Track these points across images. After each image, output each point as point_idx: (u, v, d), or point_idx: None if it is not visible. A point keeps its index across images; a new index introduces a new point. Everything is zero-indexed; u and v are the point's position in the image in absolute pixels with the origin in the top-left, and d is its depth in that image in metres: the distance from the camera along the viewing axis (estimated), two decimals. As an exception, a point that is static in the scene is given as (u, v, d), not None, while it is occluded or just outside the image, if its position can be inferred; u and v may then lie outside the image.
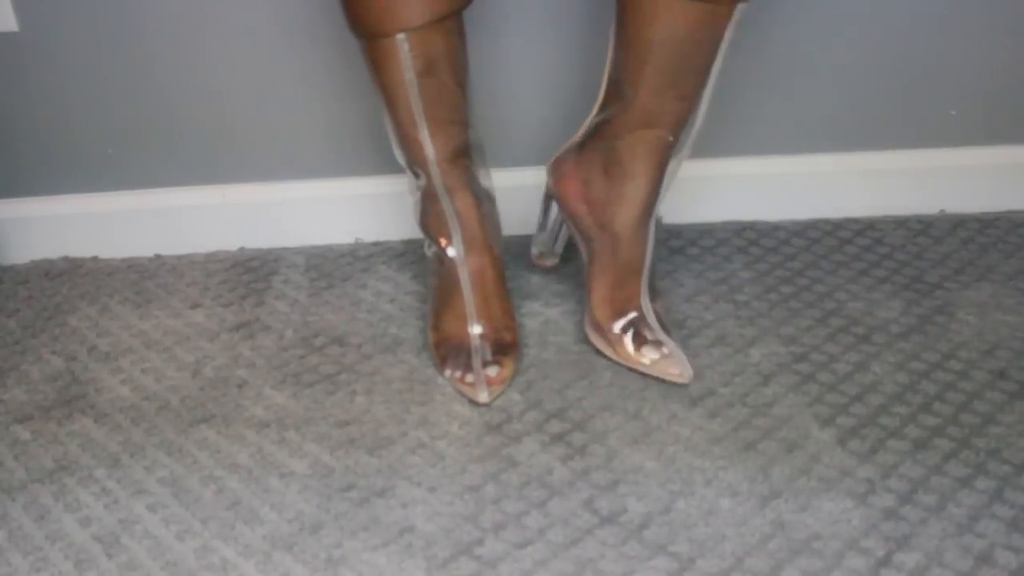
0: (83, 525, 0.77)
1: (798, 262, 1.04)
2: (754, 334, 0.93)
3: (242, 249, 1.12)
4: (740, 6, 0.77)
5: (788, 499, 0.76)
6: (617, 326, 0.89)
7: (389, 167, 1.08)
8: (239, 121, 1.05)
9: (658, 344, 0.88)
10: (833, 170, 1.09)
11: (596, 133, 0.88)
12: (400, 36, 0.78)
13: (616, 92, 0.85)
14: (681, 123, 0.84)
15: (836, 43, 1.02)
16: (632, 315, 0.89)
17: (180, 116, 1.05)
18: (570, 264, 1.05)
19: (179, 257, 1.11)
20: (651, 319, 0.89)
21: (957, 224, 1.09)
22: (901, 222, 1.09)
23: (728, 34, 0.79)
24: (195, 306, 1.02)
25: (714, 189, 1.09)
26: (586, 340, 0.92)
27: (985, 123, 1.07)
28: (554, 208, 0.96)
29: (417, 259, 1.08)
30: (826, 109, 1.06)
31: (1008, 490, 0.75)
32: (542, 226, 0.99)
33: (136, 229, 1.10)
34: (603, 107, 0.87)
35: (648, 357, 0.88)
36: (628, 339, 0.89)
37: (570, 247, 0.99)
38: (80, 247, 1.12)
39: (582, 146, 0.90)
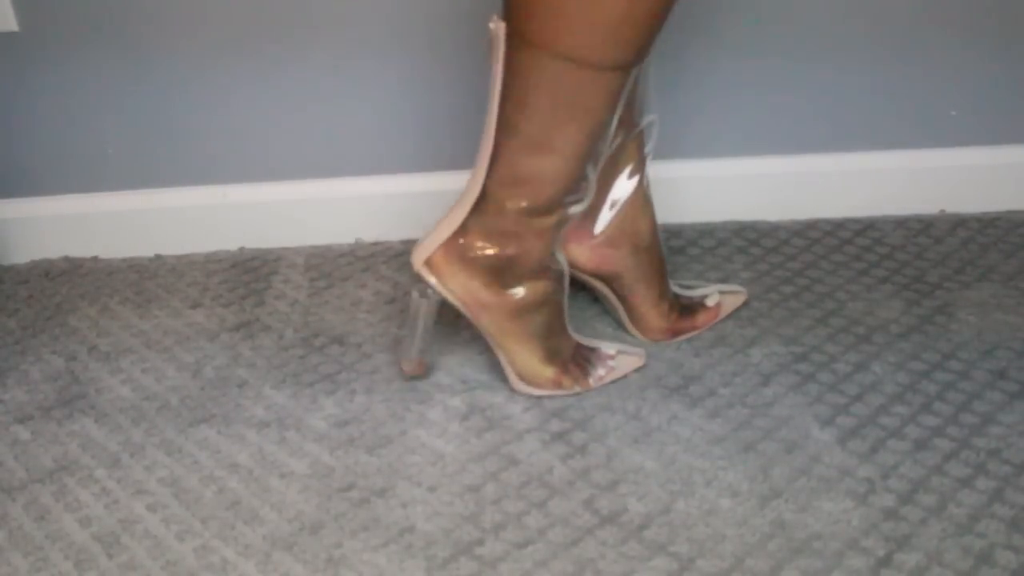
0: (83, 525, 0.77)
1: (798, 262, 1.04)
2: (754, 334, 0.93)
3: (242, 249, 1.12)
4: None
5: (788, 499, 0.76)
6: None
7: (389, 167, 1.08)
8: (239, 121, 1.05)
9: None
10: (833, 170, 1.08)
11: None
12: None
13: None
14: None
15: (836, 43, 1.02)
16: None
17: (180, 116, 1.05)
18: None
19: (179, 257, 1.11)
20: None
21: (957, 224, 1.08)
22: (901, 222, 1.09)
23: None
24: (195, 306, 1.02)
25: (714, 189, 1.09)
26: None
27: (985, 123, 1.07)
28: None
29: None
30: (826, 109, 1.06)
31: (1008, 490, 0.75)
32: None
33: (136, 229, 1.10)
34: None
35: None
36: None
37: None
38: (80, 247, 1.12)
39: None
